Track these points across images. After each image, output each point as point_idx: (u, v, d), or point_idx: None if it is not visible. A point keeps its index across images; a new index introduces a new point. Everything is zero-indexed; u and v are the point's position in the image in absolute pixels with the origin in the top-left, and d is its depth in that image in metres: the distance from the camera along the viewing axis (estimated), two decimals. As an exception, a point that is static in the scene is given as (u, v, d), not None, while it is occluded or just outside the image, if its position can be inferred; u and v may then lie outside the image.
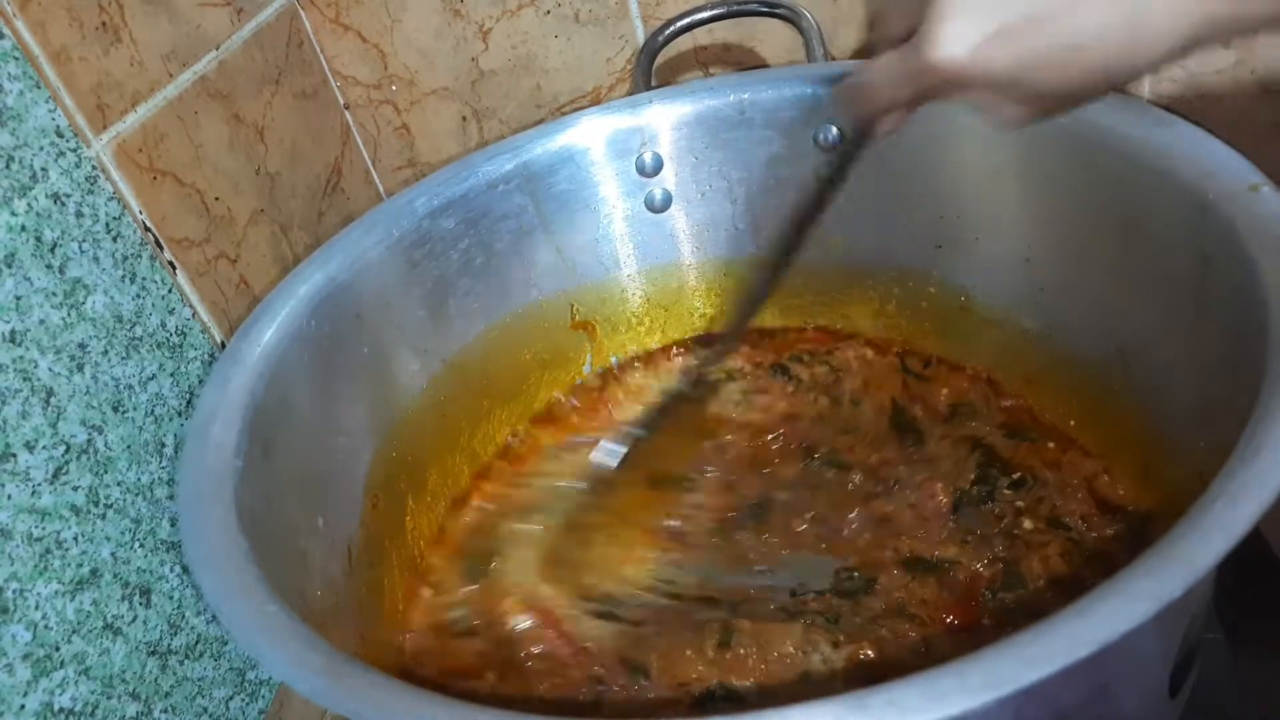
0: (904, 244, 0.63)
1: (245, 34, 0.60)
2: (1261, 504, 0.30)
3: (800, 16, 0.62)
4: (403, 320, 0.58)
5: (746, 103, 0.62)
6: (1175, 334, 0.47)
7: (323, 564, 0.47)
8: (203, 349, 0.52)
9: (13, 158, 0.42)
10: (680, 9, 0.65)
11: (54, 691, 0.41)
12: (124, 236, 0.48)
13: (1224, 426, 0.35)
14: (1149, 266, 0.48)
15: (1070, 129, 0.52)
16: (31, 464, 0.41)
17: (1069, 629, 0.27)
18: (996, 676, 0.26)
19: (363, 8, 0.69)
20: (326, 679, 0.33)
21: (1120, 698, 0.34)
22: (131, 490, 0.46)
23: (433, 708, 0.31)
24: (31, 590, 0.40)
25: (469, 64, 0.72)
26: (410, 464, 0.57)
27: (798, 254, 0.50)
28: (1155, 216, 0.47)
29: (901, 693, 0.27)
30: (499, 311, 0.63)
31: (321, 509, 0.49)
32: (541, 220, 0.63)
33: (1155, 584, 0.28)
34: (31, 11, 0.44)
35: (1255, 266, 0.39)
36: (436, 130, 0.75)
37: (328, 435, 0.52)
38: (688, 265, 0.68)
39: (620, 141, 0.64)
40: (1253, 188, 0.42)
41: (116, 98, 0.49)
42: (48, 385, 0.42)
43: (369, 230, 0.57)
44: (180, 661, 0.48)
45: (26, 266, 0.42)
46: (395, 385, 0.58)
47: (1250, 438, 0.32)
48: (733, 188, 0.65)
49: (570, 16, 0.69)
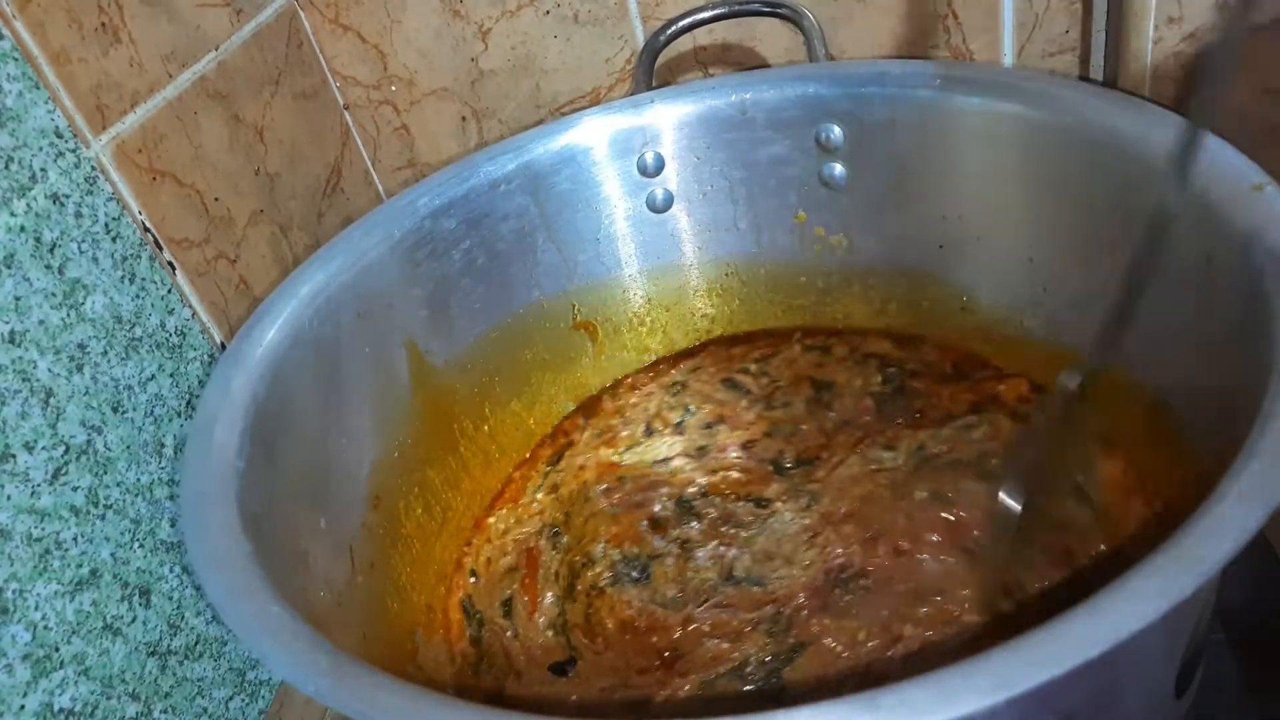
0: (905, 244, 0.63)
1: (245, 34, 0.60)
2: (1270, 504, 0.29)
3: (801, 16, 0.62)
4: (404, 320, 0.58)
5: (748, 103, 0.62)
6: (1179, 335, 0.47)
7: (324, 565, 0.47)
8: (202, 349, 0.52)
9: (12, 158, 0.42)
10: (680, 9, 0.65)
11: (54, 692, 0.41)
12: (123, 237, 0.47)
13: (1228, 427, 0.35)
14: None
15: (1072, 128, 0.52)
16: (31, 465, 0.41)
17: (1078, 629, 0.27)
18: (1006, 677, 0.26)
19: (362, 8, 0.69)
20: (331, 679, 0.33)
21: (1127, 698, 0.33)
22: (131, 491, 0.46)
23: (436, 708, 0.31)
24: (31, 591, 0.40)
25: (469, 64, 0.72)
26: (411, 464, 0.57)
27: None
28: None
29: (911, 693, 0.26)
30: (500, 312, 0.63)
31: (323, 510, 0.49)
32: (543, 220, 0.63)
33: (1165, 584, 0.28)
34: (31, 12, 0.44)
35: (1258, 266, 0.39)
36: (436, 130, 0.75)
37: (329, 436, 0.52)
38: (689, 265, 0.68)
39: (622, 141, 0.63)
40: (1255, 188, 0.42)
41: (116, 98, 0.48)
42: (47, 386, 0.42)
43: (370, 230, 0.57)
44: (180, 662, 0.48)
45: (26, 267, 0.42)
46: (397, 386, 0.57)
47: (1257, 438, 0.32)
48: (734, 188, 0.65)
49: (570, 17, 0.69)
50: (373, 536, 0.52)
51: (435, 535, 0.58)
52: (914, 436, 0.57)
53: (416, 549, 0.56)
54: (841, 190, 0.63)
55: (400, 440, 0.57)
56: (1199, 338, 0.45)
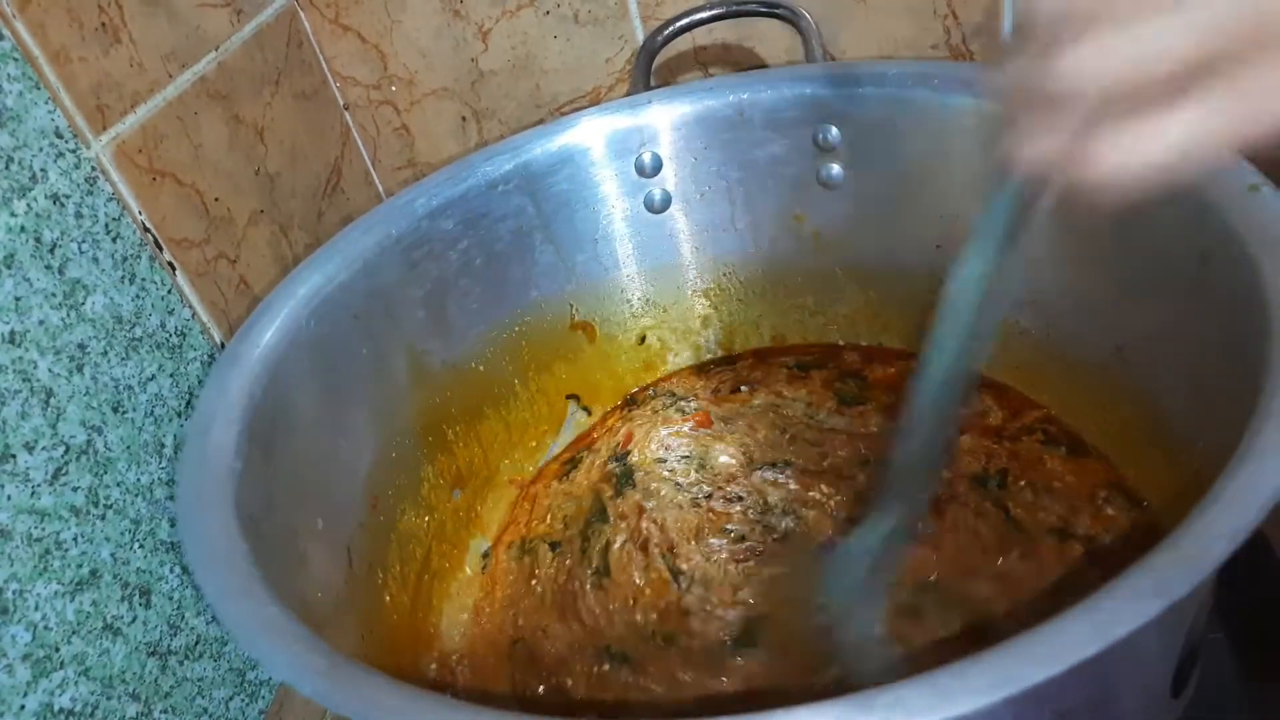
0: (903, 244, 0.63)
1: (245, 34, 0.60)
2: (1266, 504, 0.30)
3: (800, 17, 0.62)
4: (402, 321, 0.58)
5: (746, 103, 0.62)
6: (1174, 334, 0.47)
7: (322, 565, 0.47)
8: (202, 349, 0.52)
9: (12, 158, 0.42)
10: (680, 9, 0.65)
11: (54, 692, 0.41)
12: (123, 237, 0.48)
13: (1224, 426, 0.35)
14: (1148, 267, 0.48)
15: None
16: (31, 465, 0.41)
17: (1074, 628, 0.27)
18: (1002, 676, 0.26)
19: (362, 8, 0.69)
20: (329, 680, 0.33)
21: (1123, 697, 0.34)
22: (131, 491, 0.46)
23: (435, 708, 0.31)
24: (31, 591, 0.40)
25: (469, 64, 0.72)
26: (409, 465, 0.57)
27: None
28: (1154, 217, 0.47)
29: (907, 693, 0.26)
30: (498, 312, 0.63)
31: (321, 510, 0.49)
32: (541, 220, 0.63)
33: (1160, 583, 0.28)
34: (31, 12, 0.44)
35: (1255, 266, 0.39)
36: (436, 130, 0.75)
37: (327, 436, 0.52)
38: (687, 265, 0.68)
39: (620, 142, 0.63)
40: (1252, 188, 0.43)
41: (116, 98, 0.48)
42: (47, 386, 0.42)
43: (368, 231, 0.57)
44: (180, 662, 0.48)
45: (26, 267, 0.42)
46: (394, 386, 0.57)
47: (1253, 438, 0.32)
48: (732, 188, 0.65)
49: (570, 17, 0.69)
50: (370, 537, 0.52)
51: (434, 535, 0.58)
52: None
53: (414, 549, 0.56)
54: (839, 190, 0.63)
55: (398, 440, 0.57)
56: (1194, 337, 0.45)
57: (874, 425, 0.61)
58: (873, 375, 0.65)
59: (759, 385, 0.66)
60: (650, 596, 0.54)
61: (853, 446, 0.60)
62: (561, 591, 0.56)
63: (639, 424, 0.66)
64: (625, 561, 0.56)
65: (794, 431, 0.62)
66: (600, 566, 0.56)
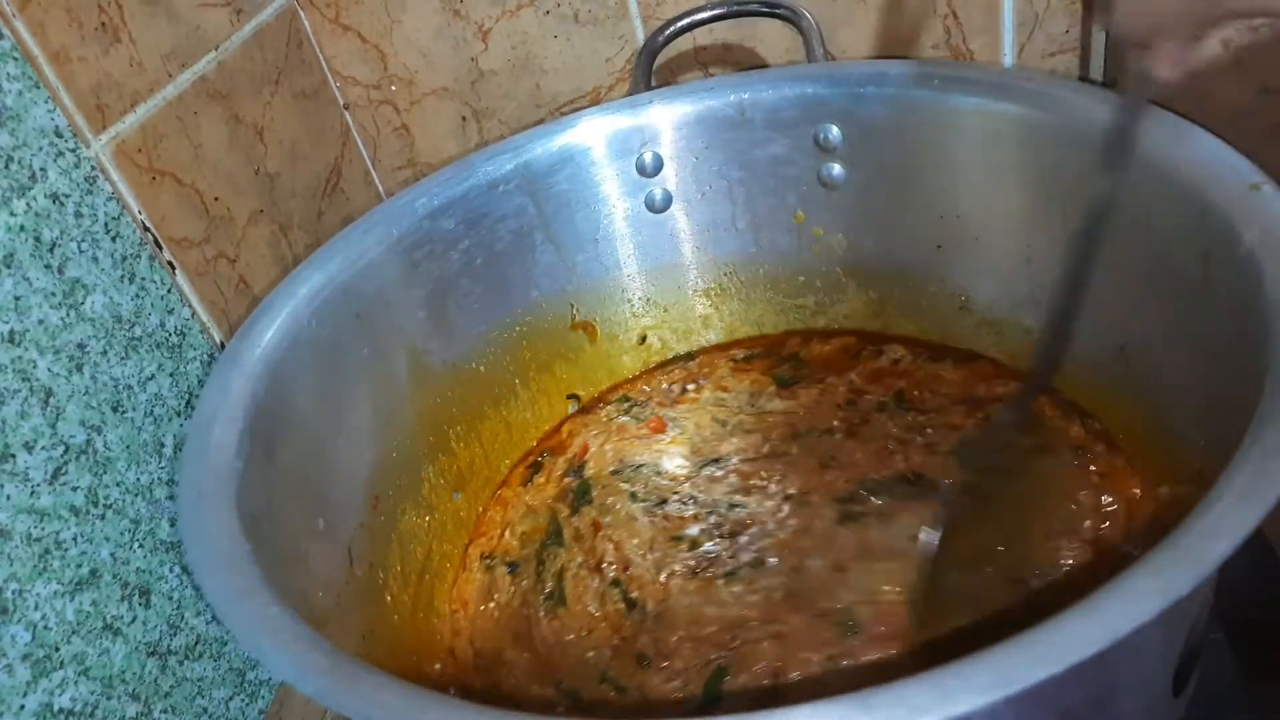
0: (904, 244, 0.63)
1: (245, 34, 0.60)
2: (1267, 503, 0.30)
3: (800, 17, 0.62)
4: (403, 321, 0.58)
5: (746, 103, 0.62)
6: (1177, 333, 0.47)
7: (323, 565, 0.47)
8: (202, 349, 0.52)
9: (12, 158, 0.42)
10: (680, 9, 0.65)
11: (54, 692, 0.41)
12: (123, 236, 0.48)
13: (1226, 425, 0.36)
14: (1150, 267, 0.48)
15: (1071, 129, 0.52)
16: (31, 464, 0.41)
17: (1076, 627, 0.27)
18: (1003, 675, 0.26)
19: (362, 8, 0.69)
20: (330, 679, 0.33)
21: (1124, 696, 0.34)
22: (131, 491, 0.46)
23: (436, 708, 0.31)
24: (31, 591, 0.40)
25: (469, 64, 0.72)
26: (410, 464, 0.57)
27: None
28: (1156, 216, 0.47)
29: (909, 691, 0.26)
30: (499, 312, 0.63)
31: (322, 510, 0.49)
32: (541, 220, 0.63)
33: (1162, 582, 0.28)
34: (31, 12, 0.44)
35: (1257, 265, 0.39)
36: (436, 130, 0.75)
37: (328, 436, 0.52)
38: (688, 265, 0.68)
39: (620, 141, 0.63)
40: (1253, 187, 0.43)
41: (116, 98, 0.48)
42: (47, 385, 0.42)
43: (369, 230, 0.57)
44: (180, 662, 0.48)
45: (25, 266, 0.42)
46: (395, 386, 0.57)
47: (1254, 437, 0.32)
48: (733, 188, 0.65)
49: (570, 16, 0.69)
50: (371, 537, 0.52)
51: (434, 535, 0.58)
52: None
53: (415, 549, 0.56)
54: (840, 190, 0.63)
55: (399, 440, 0.57)
56: (1196, 336, 0.45)
57: (808, 400, 0.63)
58: (808, 355, 0.67)
59: (706, 381, 0.67)
60: (605, 630, 0.53)
61: (787, 425, 0.61)
62: (516, 617, 0.55)
63: (594, 433, 0.65)
64: (580, 591, 0.55)
65: (734, 423, 0.63)
66: (554, 592, 0.55)
